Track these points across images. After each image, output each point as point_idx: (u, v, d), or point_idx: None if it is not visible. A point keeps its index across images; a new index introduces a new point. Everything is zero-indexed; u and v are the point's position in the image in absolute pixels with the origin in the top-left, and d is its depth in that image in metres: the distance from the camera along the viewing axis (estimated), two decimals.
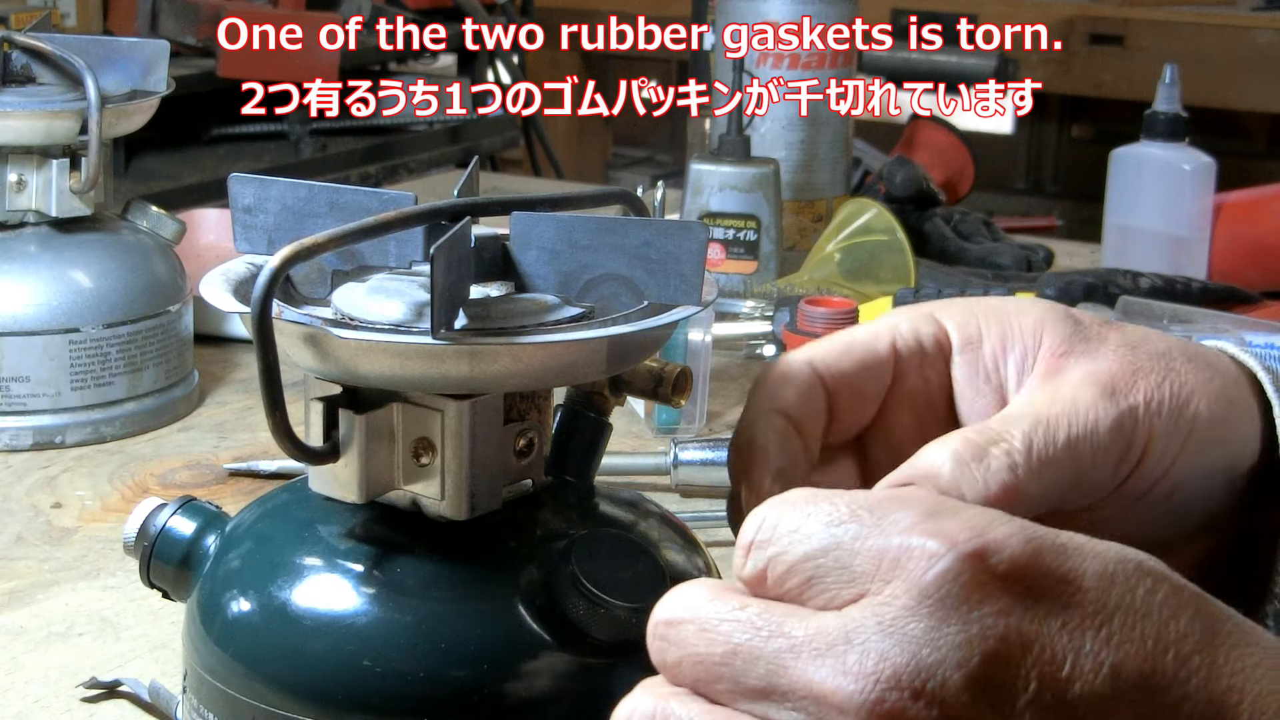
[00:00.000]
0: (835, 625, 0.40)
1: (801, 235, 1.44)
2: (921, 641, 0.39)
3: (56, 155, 1.02)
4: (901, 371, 0.55)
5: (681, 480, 0.96)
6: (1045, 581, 0.40)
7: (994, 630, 0.39)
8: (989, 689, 0.39)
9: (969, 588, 0.40)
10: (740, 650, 0.42)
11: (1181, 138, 1.42)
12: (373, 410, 0.54)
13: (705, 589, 0.43)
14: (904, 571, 0.40)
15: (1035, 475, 0.50)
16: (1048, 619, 0.39)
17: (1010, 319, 0.55)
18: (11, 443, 1.02)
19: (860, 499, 0.42)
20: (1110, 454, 0.52)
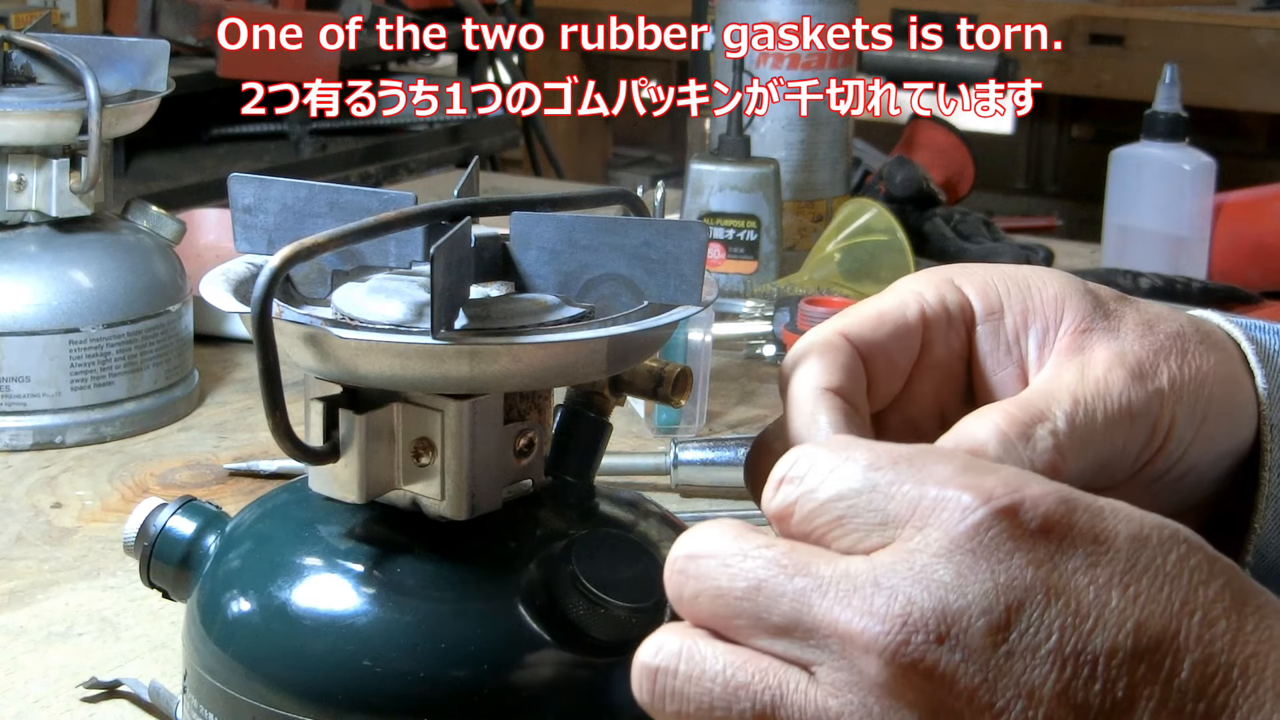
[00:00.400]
0: (863, 568, 0.41)
1: (801, 235, 1.44)
2: (949, 588, 0.40)
3: (56, 155, 1.02)
4: (928, 340, 0.55)
5: (681, 480, 0.96)
6: (1077, 539, 0.41)
7: (1021, 581, 0.40)
8: (1011, 639, 0.39)
9: (1000, 540, 0.40)
10: (764, 586, 0.42)
11: (1181, 138, 1.42)
12: (373, 410, 0.54)
13: (728, 527, 0.44)
14: (938, 521, 0.41)
15: (1076, 455, 0.51)
16: (1076, 574, 0.40)
17: (1031, 290, 0.55)
18: (11, 443, 1.02)
19: (900, 450, 0.43)
20: (1139, 437, 0.52)
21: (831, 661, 0.41)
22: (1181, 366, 0.53)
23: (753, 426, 1.09)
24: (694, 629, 0.43)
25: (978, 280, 0.56)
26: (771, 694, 0.42)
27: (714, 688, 0.42)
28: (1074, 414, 0.51)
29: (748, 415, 1.11)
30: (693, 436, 1.04)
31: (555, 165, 2.78)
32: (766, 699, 0.41)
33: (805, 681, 0.41)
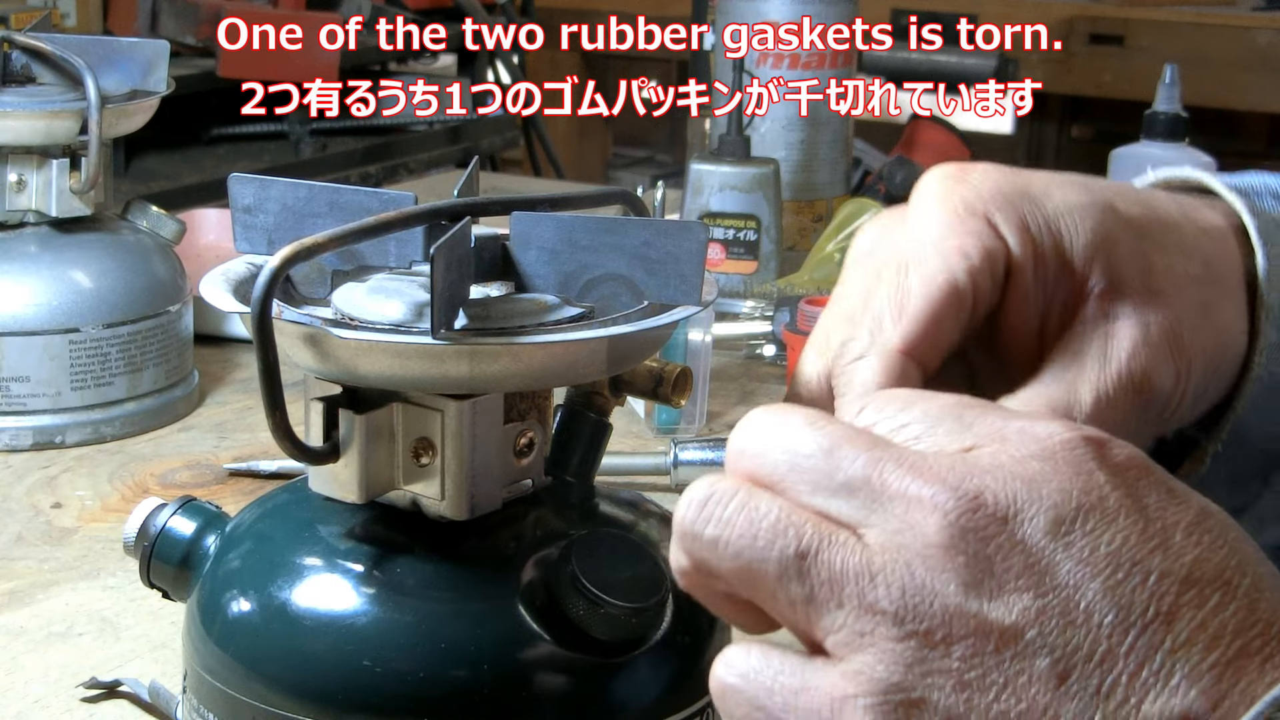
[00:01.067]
0: (941, 456, 0.42)
1: (801, 235, 1.44)
2: (1026, 482, 0.41)
3: (56, 155, 1.02)
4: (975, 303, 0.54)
5: (681, 480, 0.96)
6: (1155, 483, 0.42)
7: (1098, 491, 0.41)
8: (1074, 534, 0.40)
9: (1086, 458, 0.42)
10: (840, 448, 0.43)
11: (1181, 138, 1.42)
12: (373, 410, 0.54)
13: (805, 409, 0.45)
14: (1023, 439, 0.42)
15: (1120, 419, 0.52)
16: (1149, 506, 0.41)
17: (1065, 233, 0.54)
18: (11, 443, 1.02)
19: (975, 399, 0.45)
20: (1153, 414, 0.53)
21: (885, 524, 0.41)
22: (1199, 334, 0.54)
23: None
24: (746, 480, 0.44)
25: (1015, 220, 0.54)
26: (816, 541, 0.42)
27: (761, 523, 0.42)
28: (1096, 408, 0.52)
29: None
30: (693, 436, 1.04)
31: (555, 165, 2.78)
32: (808, 544, 0.42)
33: (853, 541, 0.42)
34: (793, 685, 0.42)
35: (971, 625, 0.40)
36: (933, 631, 0.40)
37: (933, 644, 0.40)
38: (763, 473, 0.44)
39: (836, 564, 0.41)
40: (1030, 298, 0.54)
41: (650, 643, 0.54)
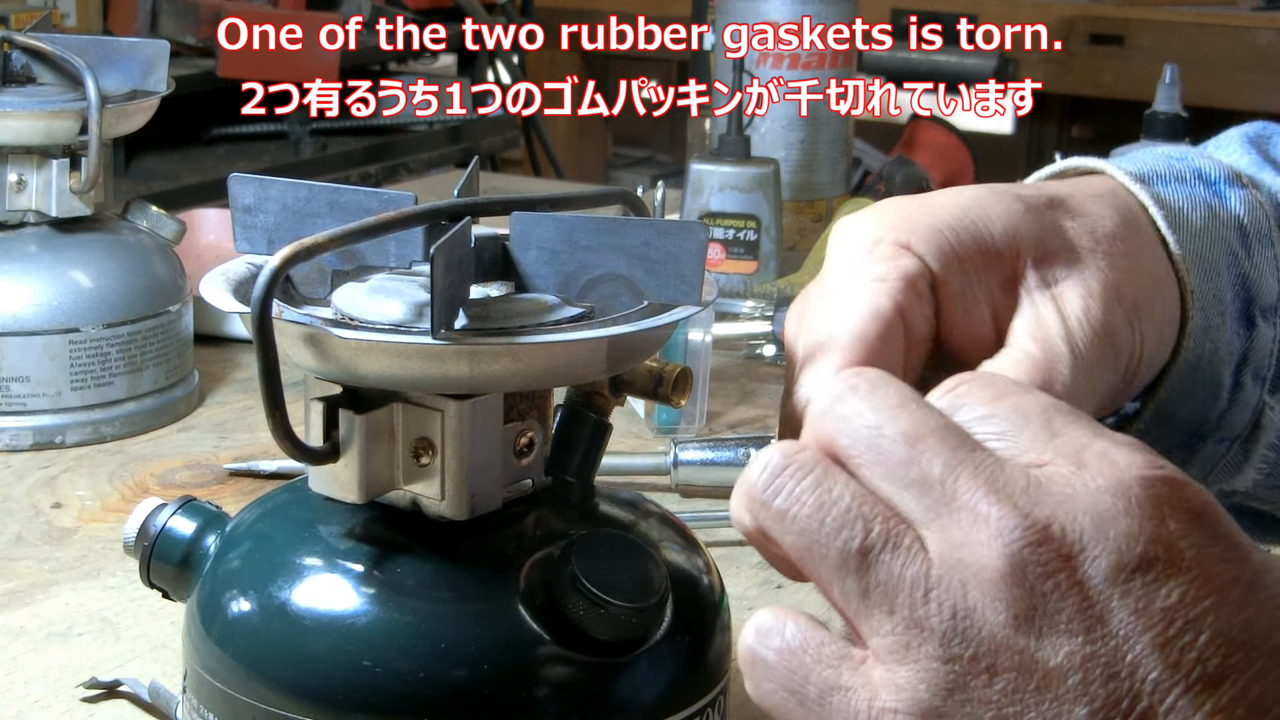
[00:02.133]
0: (1018, 472, 0.42)
1: (801, 235, 1.44)
2: (1096, 519, 0.40)
3: (56, 155, 1.02)
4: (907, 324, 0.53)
5: (681, 480, 0.96)
6: (1223, 534, 0.41)
7: (1165, 541, 0.40)
8: (1134, 583, 0.40)
9: (1160, 502, 0.41)
10: (926, 440, 0.42)
11: (1181, 138, 1.42)
12: (373, 410, 0.54)
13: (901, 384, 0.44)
14: (1102, 466, 0.42)
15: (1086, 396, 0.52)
16: (1213, 561, 0.41)
17: (980, 232, 0.54)
18: (11, 443, 1.02)
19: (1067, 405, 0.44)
20: (1120, 366, 0.54)
21: (950, 534, 0.41)
22: (1134, 280, 0.54)
23: (752, 426, 1.09)
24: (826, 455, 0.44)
25: (924, 234, 0.54)
26: (881, 541, 0.42)
27: (832, 508, 0.42)
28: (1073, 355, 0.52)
29: (748, 415, 1.11)
30: (693, 436, 1.04)
31: (555, 165, 2.78)
32: (876, 541, 0.42)
33: (916, 546, 0.41)
34: (830, 680, 0.42)
35: (1016, 660, 0.40)
36: (978, 659, 0.40)
37: (976, 672, 0.40)
38: (842, 442, 0.43)
39: (896, 569, 0.41)
40: (968, 299, 0.54)
41: (650, 643, 0.54)
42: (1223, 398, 0.60)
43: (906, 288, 0.53)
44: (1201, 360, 0.58)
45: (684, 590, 0.56)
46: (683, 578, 0.57)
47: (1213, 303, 0.58)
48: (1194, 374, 0.58)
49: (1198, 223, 0.59)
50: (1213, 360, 0.59)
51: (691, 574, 0.58)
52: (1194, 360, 0.58)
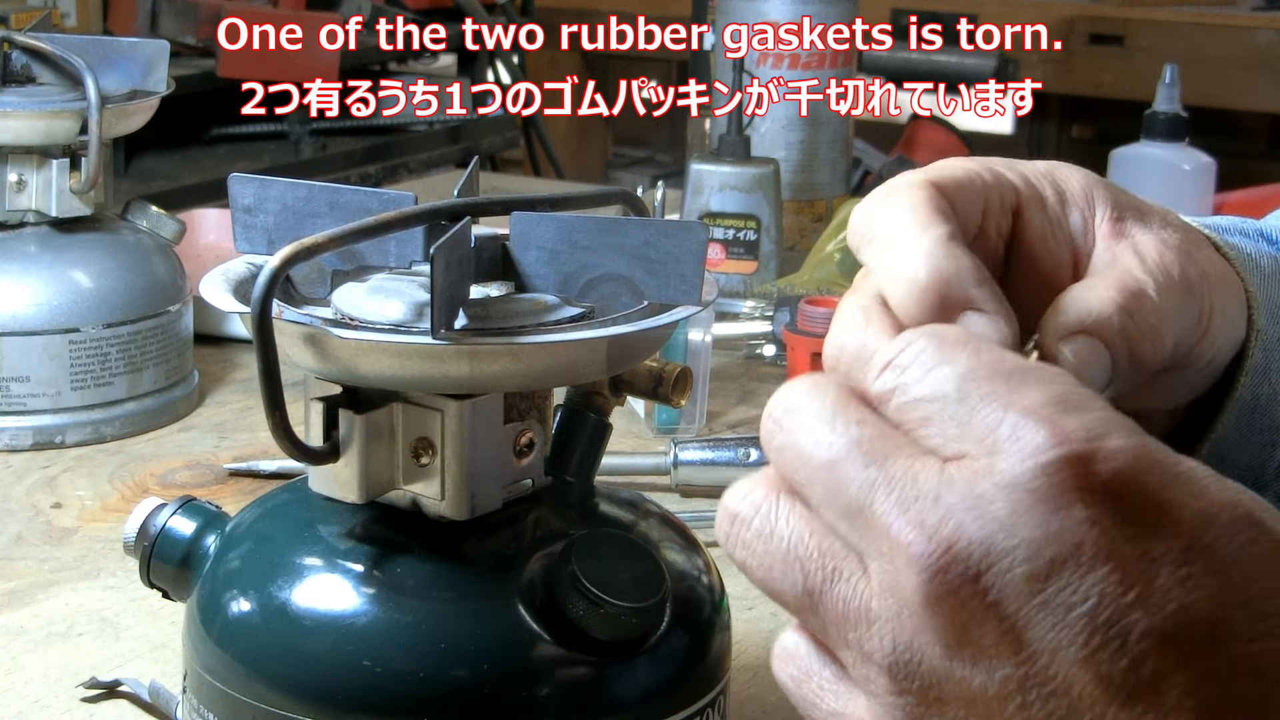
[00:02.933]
0: (930, 476, 0.40)
1: (801, 235, 1.44)
2: (1001, 524, 0.39)
3: (56, 155, 1.02)
4: (985, 215, 0.53)
5: (681, 480, 0.96)
6: (1141, 504, 0.39)
7: (1071, 535, 0.38)
8: (1047, 592, 0.38)
9: (1064, 487, 0.39)
10: (839, 465, 0.41)
11: (1181, 138, 1.42)
12: (373, 410, 0.54)
13: (835, 387, 0.43)
14: (1009, 450, 0.40)
15: (1168, 330, 0.51)
16: (1130, 542, 0.38)
17: (1059, 179, 0.55)
18: (11, 443, 1.02)
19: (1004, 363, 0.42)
20: (1192, 316, 0.53)
21: (879, 561, 0.40)
22: (1205, 258, 0.54)
23: (752, 426, 1.09)
24: (779, 482, 0.43)
25: (1014, 169, 0.54)
26: (823, 577, 0.41)
27: (776, 554, 0.42)
28: (1161, 291, 0.51)
29: (748, 415, 1.11)
30: (693, 436, 1.04)
31: (555, 165, 2.78)
32: (816, 581, 0.41)
33: (858, 575, 0.41)
34: (832, 707, 0.42)
35: (959, 690, 0.39)
36: (926, 691, 0.40)
37: (927, 702, 0.40)
38: (787, 470, 0.43)
39: (839, 605, 0.41)
40: (1046, 238, 0.54)
41: (650, 643, 0.54)
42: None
43: (993, 179, 0.53)
44: (1260, 402, 0.57)
45: (684, 590, 0.56)
46: (683, 578, 0.57)
47: (1275, 346, 0.57)
48: (1252, 415, 0.58)
49: (1266, 267, 0.58)
50: (1271, 404, 0.58)
51: (691, 574, 0.58)
52: (1252, 400, 0.57)
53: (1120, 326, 0.50)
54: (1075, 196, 0.54)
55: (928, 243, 0.49)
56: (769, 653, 0.44)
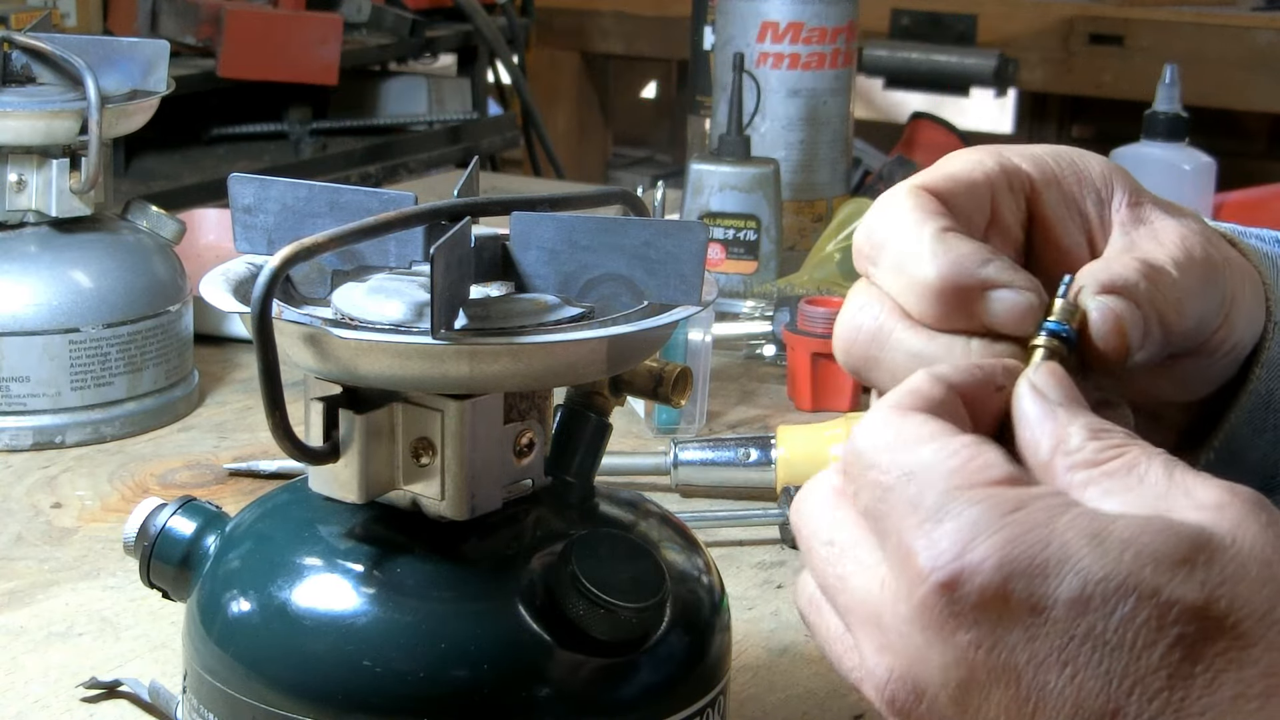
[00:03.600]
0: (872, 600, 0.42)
1: (801, 235, 1.44)
2: (918, 654, 0.41)
3: (56, 155, 1.02)
4: (995, 203, 0.54)
5: (681, 480, 0.96)
6: (1015, 610, 0.40)
7: (966, 660, 0.40)
8: (967, 711, 0.40)
9: (946, 616, 0.40)
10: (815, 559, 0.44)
11: (1181, 138, 1.42)
12: (373, 410, 0.54)
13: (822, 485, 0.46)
14: (905, 579, 0.41)
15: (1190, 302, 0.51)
16: (1015, 651, 0.40)
17: (1077, 162, 0.55)
18: (11, 443, 1.02)
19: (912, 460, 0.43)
20: (1216, 296, 0.52)
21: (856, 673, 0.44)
22: (1220, 245, 0.54)
23: (752, 426, 1.09)
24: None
25: (1026, 153, 0.55)
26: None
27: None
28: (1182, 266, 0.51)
29: (748, 415, 1.11)
30: (693, 436, 1.04)
31: (555, 165, 2.78)
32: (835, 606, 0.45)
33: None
34: None
35: None
36: None
37: None
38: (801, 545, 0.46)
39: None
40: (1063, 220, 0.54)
41: (650, 643, 0.54)
42: None
43: (998, 168, 0.53)
44: (1274, 398, 0.57)
45: (684, 590, 0.56)
46: (683, 578, 0.57)
47: None
48: (1265, 411, 0.57)
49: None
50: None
51: (691, 574, 0.58)
52: (1266, 395, 0.57)
53: (1146, 292, 0.49)
54: (1093, 179, 0.54)
55: (925, 245, 0.49)
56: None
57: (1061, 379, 0.47)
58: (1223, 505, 0.41)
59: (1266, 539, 0.41)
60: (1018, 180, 0.54)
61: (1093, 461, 0.43)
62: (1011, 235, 0.54)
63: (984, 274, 0.49)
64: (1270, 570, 0.40)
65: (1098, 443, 0.44)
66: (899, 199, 0.51)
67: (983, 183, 0.53)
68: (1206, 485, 0.42)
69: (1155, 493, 0.42)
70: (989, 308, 0.49)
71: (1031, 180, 0.54)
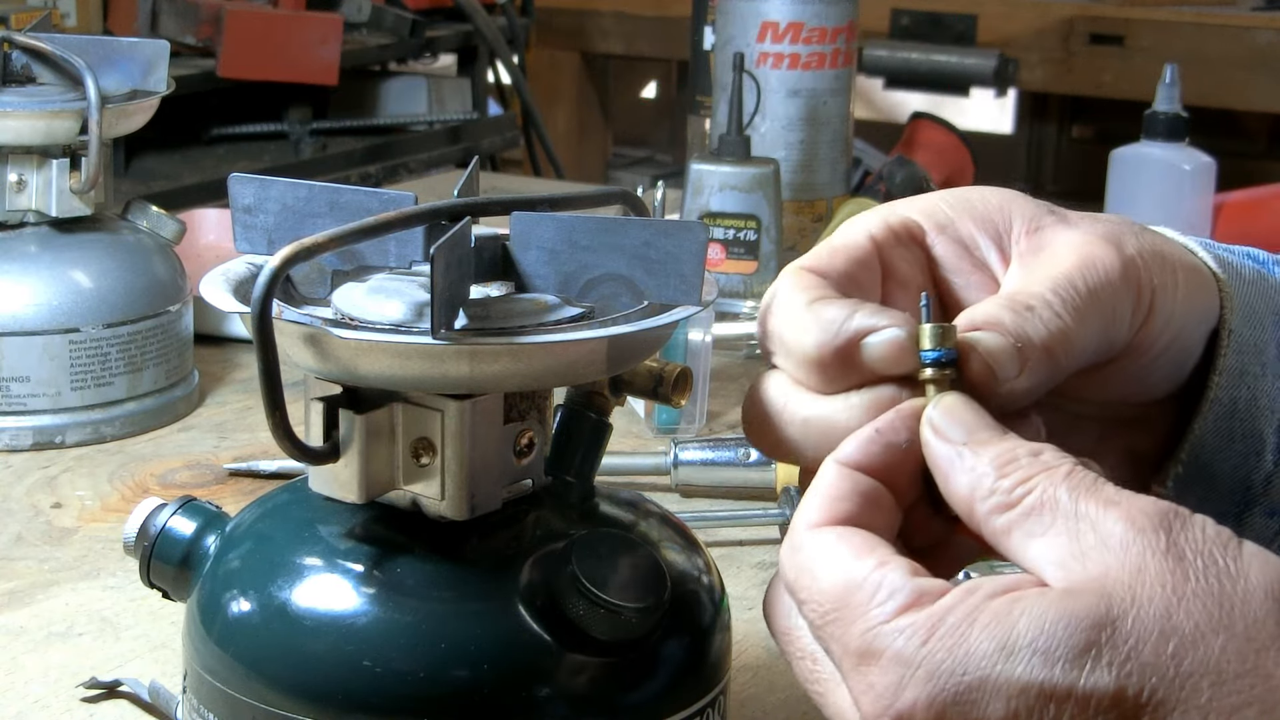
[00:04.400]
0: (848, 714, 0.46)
1: (801, 235, 1.44)
2: None
3: (56, 155, 1.02)
4: (885, 260, 0.55)
5: (681, 480, 0.96)
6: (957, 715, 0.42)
7: None
8: None
9: None
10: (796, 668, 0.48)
11: (1181, 138, 1.42)
12: (373, 410, 0.54)
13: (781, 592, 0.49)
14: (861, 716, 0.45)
15: (1078, 324, 0.51)
16: None
17: (973, 202, 0.56)
18: (11, 443, 1.02)
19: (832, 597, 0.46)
20: (1125, 299, 0.53)
21: None
22: (1139, 237, 0.54)
23: None
24: None
25: (919, 204, 0.56)
26: None
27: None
28: (1059, 289, 0.52)
29: None
30: (693, 436, 1.04)
31: (555, 165, 2.78)
32: None
33: None
34: None
35: None
36: None
37: None
38: None
39: None
40: (964, 262, 0.55)
41: (650, 643, 0.54)
42: (1266, 458, 0.58)
43: (885, 230, 0.55)
44: (1239, 406, 0.57)
45: (684, 590, 0.56)
46: (683, 578, 0.57)
47: (1251, 350, 0.57)
48: (1230, 421, 0.57)
49: (1248, 274, 0.58)
50: (1251, 410, 0.57)
51: (691, 574, 0.58)
52: (1229, 403, 0.57)
53: (1014, 323, 0.50)
54: (989, 216, 0.55)
55: (799, 319, 0.51)
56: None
57: (959, 409, 0.49)
58: (1126, 545, 0.43)
59: (1166, 578, 0.42)
60: (906, 233, 0.55)
61: (1008, 504, 0.46)
62: (914, 283, 0.55)
63: (852, 327, 0.50)
64: (1171, 622, 0.42)
65: (1008, 480, 0.46)
66: (781, 284, 0.53)
67: (866, 245, 0.55)
68: (1111, 516, 0.44)
69: (1069, 533, 0.44)
70: (865, 356, 0.50)
71: (923, 229, 0.56)
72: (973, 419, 0.48)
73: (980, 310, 0.51)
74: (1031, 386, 0.51)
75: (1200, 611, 0.42)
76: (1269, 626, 0.42)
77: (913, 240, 0.56)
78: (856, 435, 0.49)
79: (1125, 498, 0.45)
